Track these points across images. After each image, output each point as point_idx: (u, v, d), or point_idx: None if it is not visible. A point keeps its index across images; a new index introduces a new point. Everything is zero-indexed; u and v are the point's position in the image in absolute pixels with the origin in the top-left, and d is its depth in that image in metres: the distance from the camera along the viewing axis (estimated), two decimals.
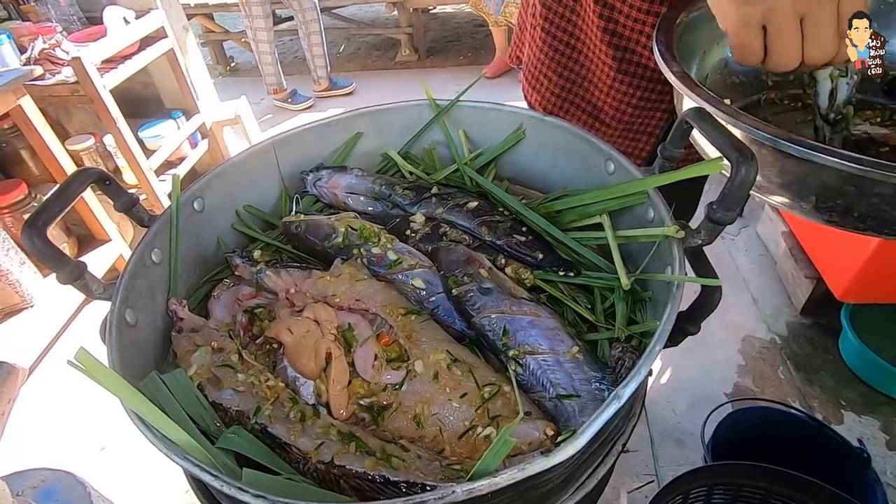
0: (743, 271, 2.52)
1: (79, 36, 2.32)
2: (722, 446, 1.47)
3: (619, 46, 0.83)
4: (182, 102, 2.79)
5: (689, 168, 0.49)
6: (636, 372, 0.35)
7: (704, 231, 0.45)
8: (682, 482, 1.20)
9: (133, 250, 0.50)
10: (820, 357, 2.12)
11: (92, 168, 0.50)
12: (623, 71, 0.85)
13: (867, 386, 1.96)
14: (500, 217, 0.61)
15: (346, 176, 0.66)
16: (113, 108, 2.15)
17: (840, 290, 1.90)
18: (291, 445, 0.40)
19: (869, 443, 1.76)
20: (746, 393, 2.02)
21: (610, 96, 0.89)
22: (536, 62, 0.97)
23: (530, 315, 0.49)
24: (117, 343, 0.43)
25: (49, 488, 1.18)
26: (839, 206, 0.51)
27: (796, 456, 1.43)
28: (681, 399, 2.06)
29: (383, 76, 4.17)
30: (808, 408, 1.94)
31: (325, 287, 0.53)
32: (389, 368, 0.47)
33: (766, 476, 1.19)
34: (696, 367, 2.12)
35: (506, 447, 0.32)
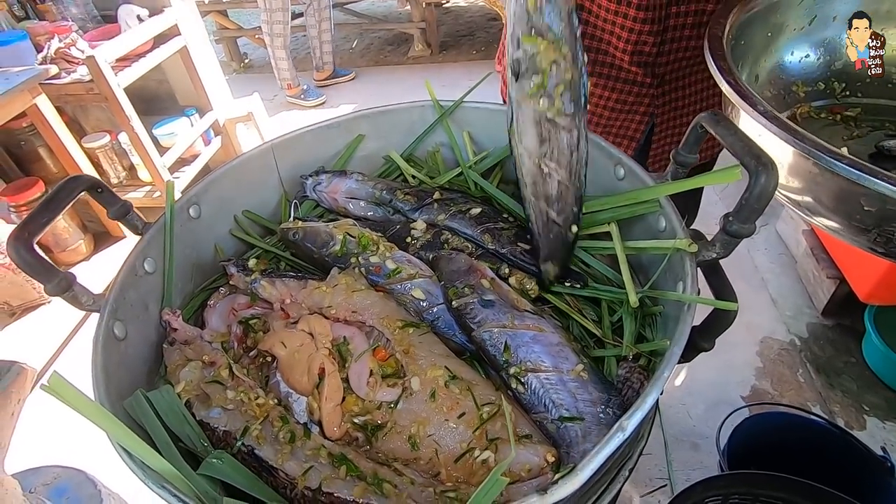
0: (762, 270, 2.46)
1: (94, 34, 2.34)
2: (738, 452, 1.43)
3: (590, 48, 0.82)
4: (196, 100, 2.80)
5: (704, 177, 0.46)
6: (642, 401, 0.33)
7: (720, 244, 0.42)
8: (696, 491, 1.16)
9: (124, 261, 0.49)
10: (842, 360, 2.05)
11: (83, 176, 0.49)
12: (597, 74, 0.84)
13: (892, 391, 1.89)
14: (505, 224, 0.59)
15: (347, 180, 0.64)
16: (127, 106, 2.17)
17: (864, 291, 1.83)
18: (278, 470, 0.39)
19: (893, 450, 1.70)
20: (764, 396, 1.96)
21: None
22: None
23: (533, 330, 0.47)
24: (103, 359, 0.41)
25: (60, 486, 1.19)
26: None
27: (816, 463, 1.38)
28: (696, 401, 2.01)
29: (396, 71, 4.15)
30: (829, 412, 1.88)
31: (321, 298, 0.52)
32: (385, 385, 0.45)
33: (785, 486, 1.15)
34: (712, 368, 2.07)
35: (497, 487, 0.30)
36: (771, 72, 0.75)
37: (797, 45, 0.76)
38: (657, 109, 0.87)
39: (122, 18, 2.34)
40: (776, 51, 0.76)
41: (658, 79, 0.83)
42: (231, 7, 4.02)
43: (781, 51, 0.76)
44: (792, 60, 0.76)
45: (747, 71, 0.73)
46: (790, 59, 0.76)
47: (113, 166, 2.55)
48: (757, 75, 0.74)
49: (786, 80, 0.76)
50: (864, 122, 0.71)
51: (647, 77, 0.83)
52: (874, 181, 0.41)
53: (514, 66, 0.44)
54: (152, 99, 2.86)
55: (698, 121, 0.45)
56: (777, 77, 0.76)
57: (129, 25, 2.29)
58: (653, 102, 0.86)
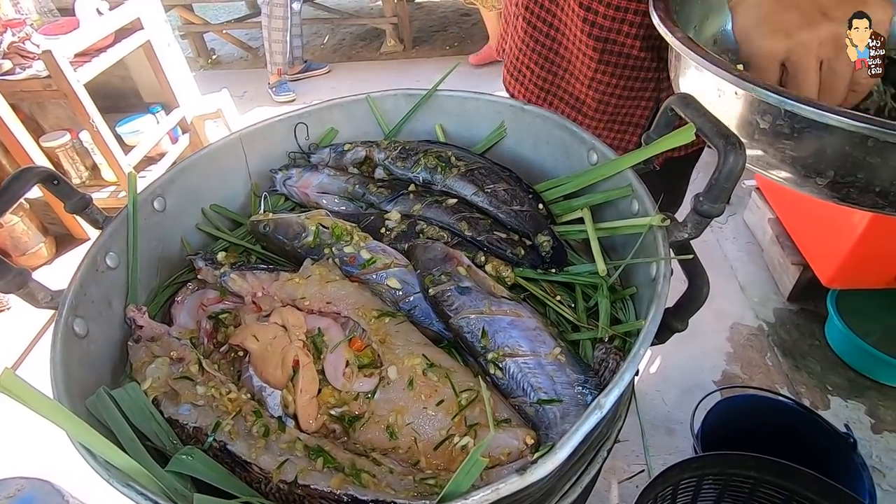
0: (731, 259, 2.53)
1: (50, 28, 2.24)
2: (711, 435, 1.48)
3: (599, 37, 0.82)
4: (161, 96, 2.72)
5: (660, 141, 0.47)
6: (619, 378, 0.33)
7: (691, 224, 0.43)
8: (672, 473, 1.19)
9: (84, 255, 0.46)
10: (807, 343, 2.13)
11: (36, 167, 0.46)
12: (605, 62, 0.84)
13: (853, 371, 1.98)
14: (481, 213, 0.58)
15: (318, 175, 0.62)
16: (88, 103, 2.09)
17: (826, 276, 1.91)
18: (252, 464, 0.38)
19: (855, 427, 1.78)
20: (735, 380, 2.03)
21: (592, 88, 0.87)
22: (519, 53, 0.96)
23: (511, 315, 0.47)
24: (62, 357, 0.39)
25: (25, 497, 1.14)
26: (859, 180, 0.48)
27: (784, 442, 1.44)
28: (670, 388, 2.06)
29: (369, 67, 4.11)
30: (796, 394, 1.95)
31: (294, 289, 0.50)
32: (361, 375, 0.44)
33: (756, 465, 1.19)
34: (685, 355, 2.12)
35: (477, 467, 0.29)
36: (722, 35, 0.77)
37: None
38: (662, 94, 0.88)
39: (80, 12, 2.24)
40: (725, 16, 0.77)
41: (664, 62, 0.84)
42: (196, 1, 3.90)
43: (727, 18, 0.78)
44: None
45: (705, 30, 0.75)
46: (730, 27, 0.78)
47: (74, 166, 2.45)
48: (716, 39, 0.76)
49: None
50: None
51: (654, 62, 0.84)
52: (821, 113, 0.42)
53: None
54: (115, 96, 2.76)
55: (668, 103, 0.46)
56: (729, 40, 0.77)
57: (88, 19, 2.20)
58: (657, 86, 0.87)
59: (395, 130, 0.68)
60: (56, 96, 2.10)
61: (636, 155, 0.48)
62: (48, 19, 2.41)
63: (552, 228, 0.54)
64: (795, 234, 2.10)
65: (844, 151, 0.46)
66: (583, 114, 0.90)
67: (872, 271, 1.81)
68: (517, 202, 0.57)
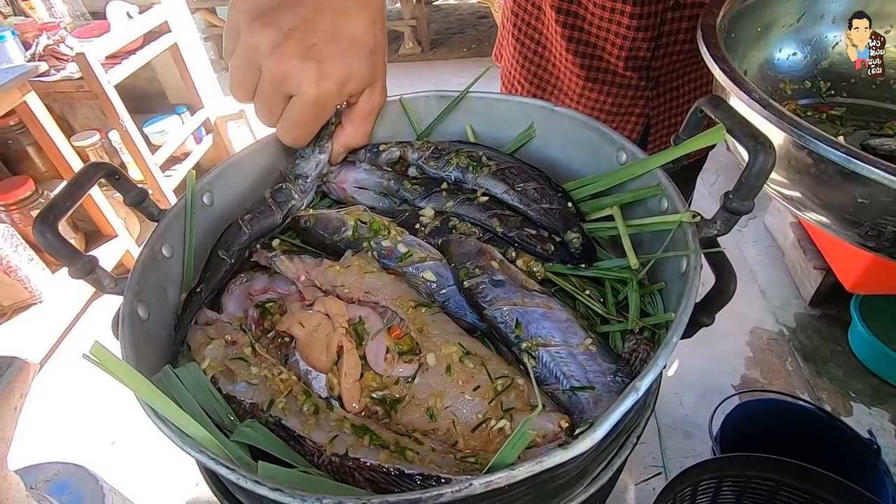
0: (751, 262, 2.51)
1: (82, 32, 2.32)
2: (730, 438, 1.47)
3: (584, 54, 0.82)
4: (186, 97, 2.79)
5: (692, 141, 0.49)
6: (653, 363, 0.35)
7: (720, 221, 0.45)
8: (691, 474, 1.20)
9: (144, 244, 0.50)
10: (829, 348, 2.10)
11: (102, 162, 0.50)
12: (592, 79, 0.84)
13: (877, 377, 1.95)
14: (511, 211, 0.61)
15: (355, 170, 0.65)
16: (118, 103, 2.16)
17: (850, 281, 1.88)
18: (306, 438, 0.40)
19: (878, 434, 1.76)
20: (754, 385, 2.01)
21: (581, 104, 0.88)
22: (510, 68, 0.96)
23: (542, 307, 0.49)
24: (130, 337, 0.43)
25: (62, 482, 1.19)
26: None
27: (805, 448, 1.42)
28: (688, 391, 2.05)
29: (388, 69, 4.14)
30: (817, 399, 1.93)
31: (335, 276, 0.53)
32: (401, 361, 0.47)
33: (776, 468, 1.19)
34: (703, 359, 2.11)
35: (524, 440, 0.32)
36: (760, 67, 0.77)
37: (786, 42, 0.78)
38: (652, 111, 0.89)
39: (111, 15, 2.32)
40: (766, 46, 0.78)
41: (653, 81, 0.85)
42: (220, 4, 3.99)
43: (771, 47, 0.78)
44: (780, 57, 0.79)
45: (736, 64, 0.76)
46: (779, 56, 0.79)
47: None
48: (746, 70, 0.76)
49: (774, 77, 0.78)
50: (849, 121, 0.73)
51: (642, 80, 0.84)
52: (871, 169, 0.43)
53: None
54: (142, 97, 2.84)
55: (698, 105, 0.48)
56: (766, 73, 0.78)
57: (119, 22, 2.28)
58: (648, 104, 0.88)
59: (427, 131, 0.70)
60: (88, 97, 2.17)
61: (666, 154, 0.50)
62: (80, 23, 2.49)
63: (581, 226, 0.57)
64: (818, 237, 2.08)
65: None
66: None
67: None
68: (546, 200, 0.59)
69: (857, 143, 0.70)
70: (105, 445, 1.87)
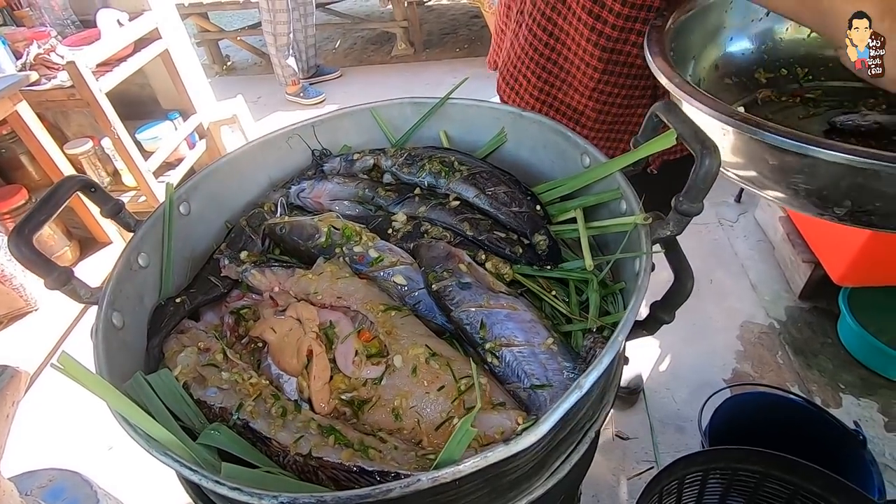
0: (742, 257, 2.52)
1: (73, 40, 2.33)
2: (719, 432, 1.48)
3: (605, 48, 0.83)
4: (179, 103, 2.79)
5: (646, 146, 0.50)
6: (598, 362, 0.36)
7: (673, 222, 0.46)
8: (678, 467, 1.21)
9: (119, 255, 0.51)
10: (819, 341, 2.11)
11: (77, 176, 0.51)
12: (609, 72, 0.85)
13: (866, 369, 1.96)
14: (482, 215, 0.62)
15: (328, 184, 0.67)
16: (109, 111, 2.17)
17: (837, 273, 1.89)
18: (271, 439, 0.42)
19: (867, 425, 1.77)
20: (745, 378, 2.02)
21: (593, 99, 0.88)
22: (517, 61, 0.97)
23: (507, 308, 0.50)
24: (104, 345, 0.44)
25: (56, 488, 1.21)
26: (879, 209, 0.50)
27: (793, 440, 1.44)
28: (680, 386, 2.06)
29: (381, 70, 4.17)
30: (807, 392, 1.94)
31: (308, 285, 0.55)
32: (369, 364, 0.49)
33: (761, 460, 1.20)
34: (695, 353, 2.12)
35: (467, 436, 0.33)
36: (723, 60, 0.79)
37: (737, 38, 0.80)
38: (657, 101, 0.90)
39: (101, 23, 2.33)
40: (722, 43, 0.80)
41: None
42: (212, 9, 4.00)
43: (723, 44, 0.80)
44: (734, 51, 0.81)
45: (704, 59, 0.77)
46: (732, 49, 0.81)
47: (97, 172, 2.54)
48: (717, 64, 0.78)
49: (745, 68, 0.80)
50: (823, 102, 0.75)
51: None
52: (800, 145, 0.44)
53: None
54: (135, 103, 2.85)
55: (653, 110, 0.49)
56: (730, 64, 0.79)
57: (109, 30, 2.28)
58: (654, 93, 0.89)
59: (402, 140, 0.72)
60: (79, 105, 2.18)
61: (624, 158, 0.52)
62: (71, 31, 2.50)
63: (548, 228, 0.58)
64: (806, 231, 2.09)
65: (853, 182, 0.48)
66: (581, 124, 0.91)
67: (884, 269, 1.80)
68: (516, 204, 0.61)
69: (826, 121, 0.72)
70: (102, 451, 1.89)
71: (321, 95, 3.60)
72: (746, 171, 0.55)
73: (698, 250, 2.40)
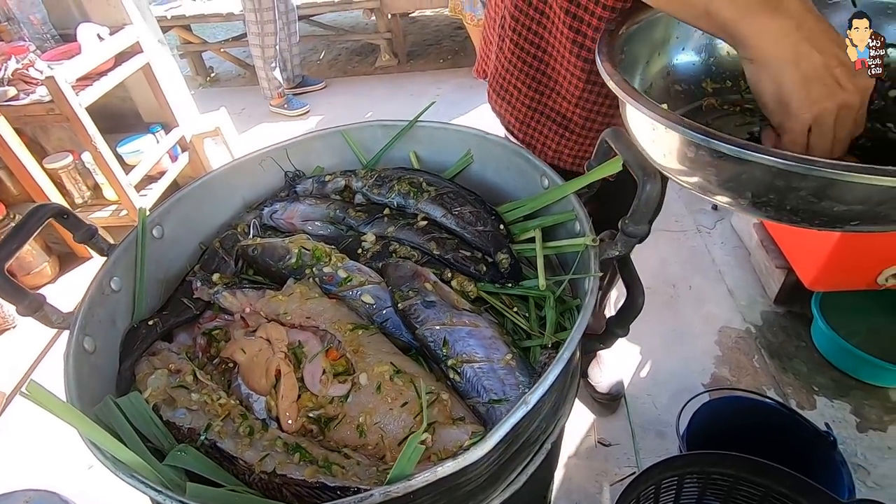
0: (719, 263, 2.57)
1: (52, 54, 2.32)
2: (697, 436, 1.51)
3: (587, 59, 0.86)
4: (161, 116, 2.79)
5: (594, 171, 0.53)
6: (543, 378, 0.39)
7: (620, 243, 0.49)
8: (654, 472, 1.24)
9: (92, 279, 0.53)
10: (793, 345, 2.16)
11: (48, 204, 0.52)
12: (592, 82, 0.87)
13: (838, 371, 2.00)
14: (448, 235, 0.65)
15: (301, 205, 0.69)
16: (90, 125, 2.16)
17: (809, 278, 1.95)
18: (238, 458, 0.44)
19: (840, 426, 1.81)
20: (724, 383, 2.06)
21: (579, 107, 0.91)
22: (505, 73, 0.99)
23: (469, 325, 0.53)
24: (75, 370, 0.45)
25: None
26: (772, 200, 0.54)
27: (768, 442, 1.48)
28: (661, 391, 2.09)
29: (365, 81, 4.19)
30: (783, 395, 1.98)
31: (278, 306, 0.57)
32: (336, 382, 0.50)
33: (733, 463, 1.24)
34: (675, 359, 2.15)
35: (416, 452, 0.35)
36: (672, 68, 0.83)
37: (682, 50, 0.85)
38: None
39: (81, 37, 2.32)
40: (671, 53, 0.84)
41: None
42: (195, 22, 4.00)
43: (670, 54, 0.85)
44: (680, 62, 0.85)
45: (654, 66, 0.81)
46: (678, 61, 0.85)
47: (77, 186, 2.52)
48: (667, 72, 0.82)
49: (693, 77, 0.84)
50: (758, 112, 0.79)
51: None
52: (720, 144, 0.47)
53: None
54: (116, 116, 2.83)
55: (603, 136, 0.52)
56: (678, 73, 0.83)
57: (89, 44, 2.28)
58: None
59: (373, 161, 0.74)
60: (59, 120, 2.17)
61: (578, 182, 0.55)
62: (51, 45, 2.49)
63: (510, 247, 0.61)
64: (779, 237, 2.15)
65: (755, 177, 0.52)
66: (570, 131, 0.93)
67: (853, 273, 1.85)
68: (481, 223, 0.64)
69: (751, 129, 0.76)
70: (82, 470, 1.86)
71: (305, 107, 3.62)
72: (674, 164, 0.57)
73: (677, 257, 2.44)
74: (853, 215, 0.53)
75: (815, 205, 0.53)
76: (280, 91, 3.56)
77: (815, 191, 0.51)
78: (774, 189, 0.53)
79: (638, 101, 0.52)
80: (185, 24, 4.02)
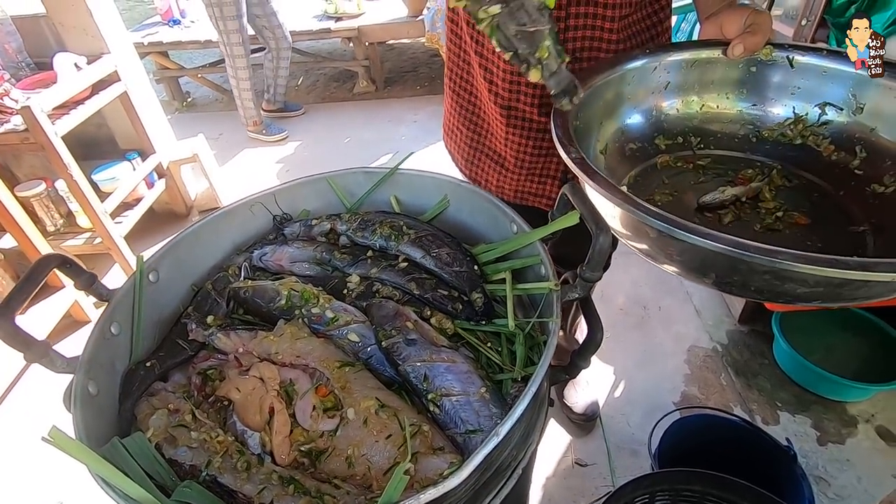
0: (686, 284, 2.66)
1: (28, 83, 2.31)
2: (668, 454, 1.57)
3: (503, 106, 0.93)
4: (137, 143, 2.78)
5: (554, 223, 0.60)
6: (512, 411, 0.44)
7: (579, 287, 0.56)
8: (626, 491, 1.29)
9: (94, 325, 0.56)
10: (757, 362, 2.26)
11: (53, 254, 0.56)
12: (512, 126, 0.94)
13: (799, 387, 2.09)
14: (427, 275, 0.70)
15: (289, 248, 0.74)
16: (65, 153, 2.15)
17: None
18: (237, 492, 0.47)
19: (801, 439, 1.89)
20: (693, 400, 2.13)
21: (509, 147, 0.98)
22: (449, 115, 1.08)
23: (448, 361, 0.58)
24: (81, 413, 0.49)
25: None
26: (736, 281, 0.55)
27: (736, 457, 1.55)
28: (634, 410, 2.15)
29: (343, 107, 4.26)
30: (749, 411, 2.06)
31: (269, 346, 0.61)
32: (326, 417, 0.55)
33: (700, 480, 1.30)
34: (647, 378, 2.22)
35: (402, 482, 0.40)
36: (624, 129, 0.88)
37: (631, 112, 0.90)
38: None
39: (58, 66, 2.33)
40: (622, 115, 0.89)
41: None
42: (172, 48, 4.03)
43: (624, 115, 0.90)
44: (631, 123, 0.90)
45: (607, 128, 0.85)
46: (630, 122, 0.90)
47: (49, 214, 2.49)
48: (622, 131, 0.87)
49: (646, 135, 0.90)
50: (711, 169, 0.85)
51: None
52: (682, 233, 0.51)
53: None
54: (91, 144, 2.81)
55: (564, 190, 0.59)
56: (631, 132, 0.89)
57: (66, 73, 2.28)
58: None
59: (356, 204, 0.80)
60: (34, 149, 2.14)
61: (542, 230, 0.61)
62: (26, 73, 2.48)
63: (484, 287, 0.67)
64: None
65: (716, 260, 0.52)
66: (506, 168, 1.00)
67: None
68: (457, 264, 0.70)
69: (714, 188, 0.81)
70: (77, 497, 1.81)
71: (284, 132, 3.65)
72: (638, 244, 0.62)
73: (648, 279, 2.54)
74: (816, 296, 0.53)
75: (779, 286, 0.53)
76: (256, 119, 3.59)
77: (775, 275, 0.51)
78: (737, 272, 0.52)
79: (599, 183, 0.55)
80: (162, 50, 4.04)
